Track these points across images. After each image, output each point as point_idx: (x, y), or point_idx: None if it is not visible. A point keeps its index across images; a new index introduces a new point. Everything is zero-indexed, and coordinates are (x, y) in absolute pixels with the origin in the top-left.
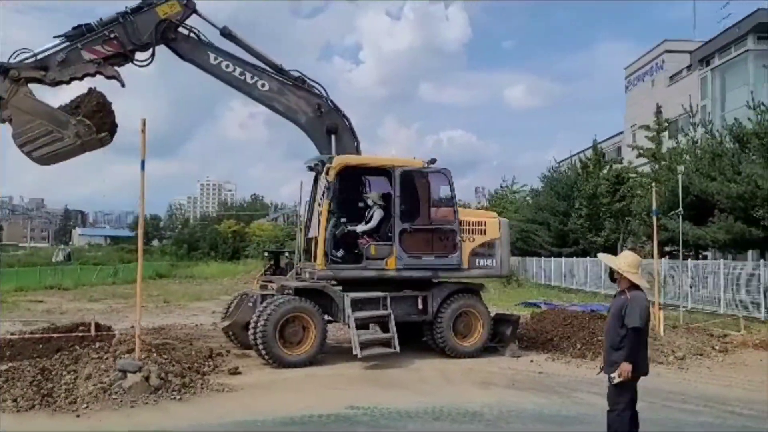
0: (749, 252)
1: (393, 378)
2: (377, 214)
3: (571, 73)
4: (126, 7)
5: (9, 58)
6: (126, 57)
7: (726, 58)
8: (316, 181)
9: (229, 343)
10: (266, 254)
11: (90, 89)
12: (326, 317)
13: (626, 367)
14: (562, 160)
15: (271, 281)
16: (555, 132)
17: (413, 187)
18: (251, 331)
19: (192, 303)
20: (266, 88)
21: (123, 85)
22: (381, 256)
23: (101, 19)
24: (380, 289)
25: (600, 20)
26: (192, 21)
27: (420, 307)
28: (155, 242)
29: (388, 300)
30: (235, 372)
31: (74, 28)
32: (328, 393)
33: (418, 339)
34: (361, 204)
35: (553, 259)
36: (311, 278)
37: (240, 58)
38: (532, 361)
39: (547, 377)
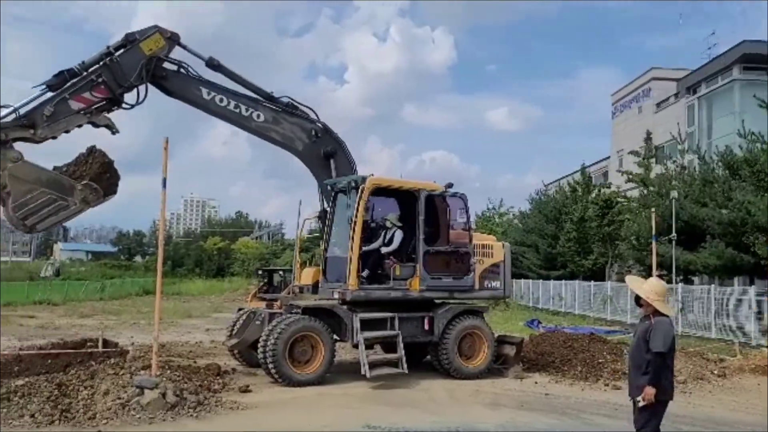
0: (735, 278)
1: (403, 398)
2: (398, 235)
3: (552, 98)
4: (108, 47)
5: None
6: (115, 101)
7: (713, 86)
8: (335, 200)
9: (233, 361)
10: (260, 272)
11: (91, 148)
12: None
13: (650, 391)
14: (550, 183)
15: (274, 299)
16: (534, 156)
17: (435, 210)
18: (260, 349)
19: (184, 320)
20: (262, 119)
21: (116, 132)
22: (405, 277)
23: (83, 62)
24: (387, 310)
25: (582, 48)
26: (176, 54)
27: (426, 327)
28: (138, 258)
29: (396, 320)
30: (246, 390)
31: (55, 76)
32: (342, 412)
33: (419, 359)
34: (373, 225)
35: (541, 281)
36: (342, 298)
37: (231, 89)
38: (536, 382)
39: (554, 399)
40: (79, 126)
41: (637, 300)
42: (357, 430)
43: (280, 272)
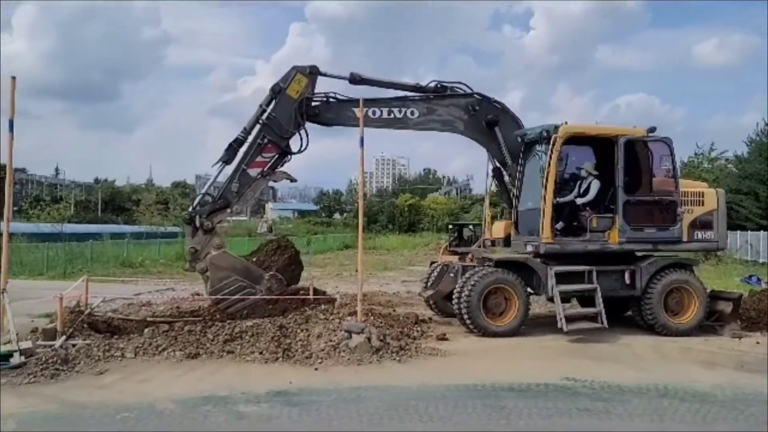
0: None
1: (603, 352)
2: (594, 185)
3: None
4: (260, 105)
5: (194, 206)
6: (285, 153)
7: None
8: (527, 152)
9: (429, 311)
10: (450, 227)
11: (282, 243)
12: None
13: None
14: None
15: (466, 253)
16: (752, 92)
17: (635, 157)
18: (455, 300)
19: (381, 272)
20: (416, 115)
21: (294, 181)
22: (602, 229)
23: (245, 128)
24: (584, 263)
25: None
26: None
27: (627, 281)
28: (337, 215)
29: (594, 274)
30: (443, 338)
31: (226, 151)
32: (540, 363)
33: (618, 314)
34: (566, 175)
35: (762, 232)
36: (535, 251)
37: (380, 98)
38: (757, 342)
39: None
40: (265, 186)
41: None
42: (556, 382)
43: (470, 226)
